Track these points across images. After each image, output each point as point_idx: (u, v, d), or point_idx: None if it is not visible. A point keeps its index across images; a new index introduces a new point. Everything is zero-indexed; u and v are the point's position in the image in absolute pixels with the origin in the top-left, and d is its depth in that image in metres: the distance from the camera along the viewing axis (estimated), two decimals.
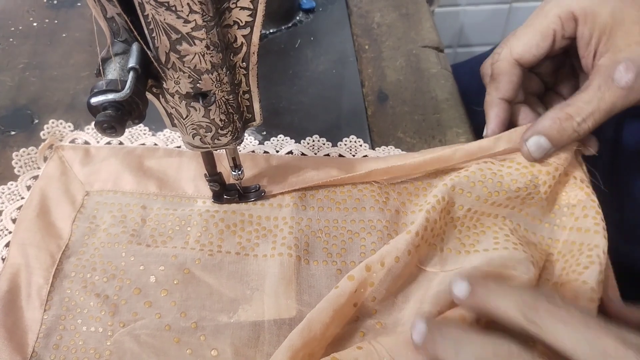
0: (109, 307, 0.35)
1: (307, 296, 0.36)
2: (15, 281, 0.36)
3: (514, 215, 0.39)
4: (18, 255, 0.37)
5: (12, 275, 0.36)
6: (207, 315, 0.35)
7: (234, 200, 0.41)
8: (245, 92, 0.33)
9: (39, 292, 0.36)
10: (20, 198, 0.42)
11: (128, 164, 0.43)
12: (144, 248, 0.38)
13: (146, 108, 0.30)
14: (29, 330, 0.34)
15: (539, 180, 0.38)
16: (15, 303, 0.35)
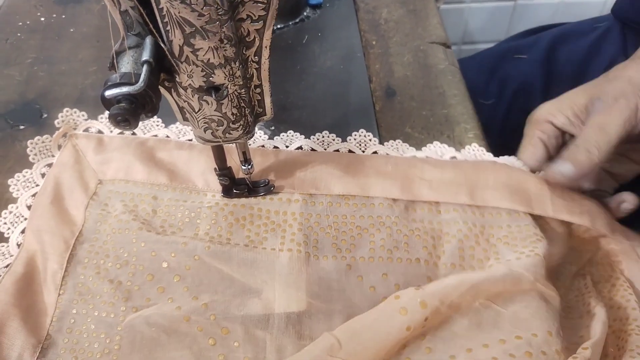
0: (122, 292, 0.36)
1: (317, 288, 0.36)
2: (31, 265, 0.37)
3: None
4: (33, 241, 0.38)
5: (28, 259, 0.37)
6: (218, 299, 0.35)
7: (243, 195, 0.41)
8: (257, 86, 0.33)
9: (54, 276, 0.36)
10: (35, 185, 0.42)
11: (140, 155, 0.43)
12: (154, 235, 0.38)
13: (159, 101, 0.30)
14: (43, 313, 0.35)
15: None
16: (31, 287, 0.36)
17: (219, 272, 0.36)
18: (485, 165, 0.43)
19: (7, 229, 0.39)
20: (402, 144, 0.46)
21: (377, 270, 0.37)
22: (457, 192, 0.41)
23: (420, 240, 0.39)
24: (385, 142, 0.46)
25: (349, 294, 0.36)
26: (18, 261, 0.37)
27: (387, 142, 0.46)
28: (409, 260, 0.38)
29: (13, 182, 0.42)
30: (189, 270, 0.36)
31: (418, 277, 0.37)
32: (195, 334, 0.33)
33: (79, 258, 0.37)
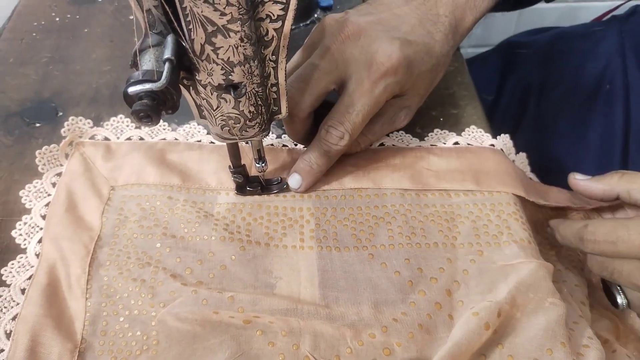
0: (147, 289, 0.36)
1: (344, 282, 0.37)
2: (53, 274, 0.37)
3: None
4: (52, 249, 0.38)
5: (50, 268, 0.37)
6: (244, 294, 0.36)
7: (257, 192, 0.42)
8: (274, 84, 0.34)
9: (79, 281, 0.37)
10: (47, 195, 0.42)
11: (150, 158, 0.43)
12: (179, 241, 0.39)
13: (179, 98, 0.31)
14: (75, 319, 0.35)
15: None
16: (58, 295, 0.36)
17: (242, 282, 0.37)
18: (486, 153, 0.45)
19: (24, 240, 0.39)
20: (406, 135, 0.47)
21: (399, 256, 0.38)
22: (464, 180, 0.43)
23: (435, 225, 0.40)
24: (390, 134, 0.47)
25: (376, 281, 0.37)
26: (40, 271, 0.37)
27: (391, 133, 0.47)
28: (428, 245, 0.39)
29: (24, 193, 0.42)
30: (213, 278, 0.37)
31: (438, 259, 0.38)
32: (228, 322, 0.34)
33: (100, 261, 0.38)
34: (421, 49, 0.39)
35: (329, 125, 0.40)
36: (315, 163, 0.41)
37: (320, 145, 0.41)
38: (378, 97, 0.39)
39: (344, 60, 0.39)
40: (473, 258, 0.38)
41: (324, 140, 0.40)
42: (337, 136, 0.40)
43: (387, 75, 0.38)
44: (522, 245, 0.38)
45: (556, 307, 0.35)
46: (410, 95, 0.42)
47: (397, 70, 0.38)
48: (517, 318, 0.35)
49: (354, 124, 0.39)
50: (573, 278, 0.42)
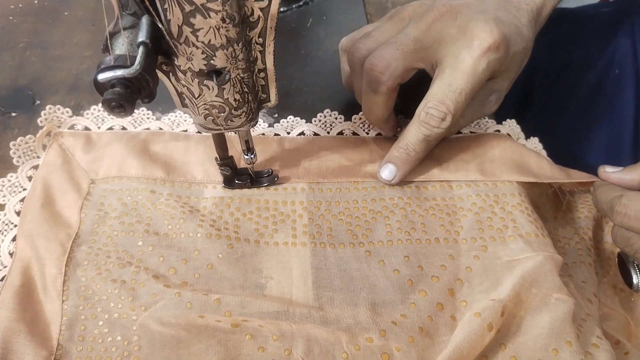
0: (127, 292, 0.34)
1: (339, 281, 0.34)
2: (28, 274, 0.34)
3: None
4: (27, 247, 0.36)
5: (24, 268, 0.35)
6: (231, 296, 0.33)
7: (246, 186, 0.39)
8: (261, 70, 0.31)
9: (54, 282, 0.34)
10: (22, 189, 0.40)
11: (132, 149, 0.41)
12: (162, 238, 0.36)
13: (156, 86, 0.29)
14: (50, 323, 0.33)
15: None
16: (32, 297, 0.34)
17: (230, 282, 0.35)
18: (490, 139, 0.42)
19: None
20: (405, 119, 0.44)
21: (397, 253, 0.36)
22: (468, 170, 0.40)
23: (436, 219, 0.38)
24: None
25: (373, 280, 0.34)
26: (13, 272, 0.34)
27: None
28: (428, 241, 0.36)
29: None
30: (199, 278, 0.35)
31: (440, 256, 0.36)
32: (215, 325, 0.32)
33: (77, 261, 0.35)
34: (513, 30, 0.37)
35: (429, 107, 0.37)
36: (414, 150, 0.38)
37: (419, 129, 0.38)
38: (481, 74, 0.36)
39: (440, 39, 0.37)
40: (477, 254, 0.36)
41: (423, 123, 0.37)
42: (439, 117, 0.37)
43: (490, 51, 0.36)
44: (529, 239, 0.36)
45: (562, 303, 0.33)
46: (502, 79, 0.40)
47: (499, 46, 0.36)
48: (521, 316, 0.33)
49: (457, 104, 0.36)
50: (580, 274, 0.39)
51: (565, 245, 0.42)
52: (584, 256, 0.41)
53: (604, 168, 0.38)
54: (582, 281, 0.39)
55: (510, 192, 0.39)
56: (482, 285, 0.34)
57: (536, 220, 0.38)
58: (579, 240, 0.42)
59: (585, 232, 0.42)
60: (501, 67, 0.38)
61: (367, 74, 0.38)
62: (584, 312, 0.35)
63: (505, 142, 0.42)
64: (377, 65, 0.37)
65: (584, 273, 0.40)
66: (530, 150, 0.41)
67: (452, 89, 0.36)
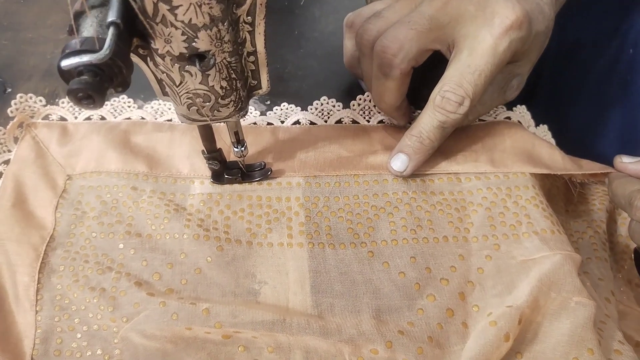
0: (107, 301, 0.31)
1: (340, 286, 0.31)
2: None
3: None
4: None
5: None
6: (221, 305, 0.30)
7: (236, 180, 0.36)
8: (250, 53, 0.28)
9: (27, 291, 0.31)
10: None
11: (112, 141, 0.37)
12: (146, 240, 0.33)
13: (131, 73, 0.25)
14: (23, 336, 0.30)
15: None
16: (3, 307, 0.31)
17: (220, 288, 0.32)
18: (500, 128, 0.40)
19: None
20: (416, 110, 0.41)
21: (403, 254, 0.33)
22: (477, 161, 0.37)
23: (444, 215, 0.35)
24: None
25: (377, 284, 0.32)
26: None
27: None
28: (436, 240, 0.34)
29: None
30: (186, 284, 0.32)
31: (449, 256, 0.33)
32: (204, 337, 0.29)
33: (52, 267, 0.32)
34: (535, 7, 0.34)
35: (445, 90, 0.34)
36: (428, 137, 0.35)
37: (434, 115, 0.35)
38: (502, 55, 0.33)
39: (457, 17, 0.34)
40: (489, 253, 0.33)
41: (438, 109, 0.34)
42: (456, 102, 0.34)
43: (512, 30, 0.33)
44: (544, 236, 0.33)
45: (583, 307, 0.30)
46: (523, 62, 0.37)
47: (522, 23, 0.33)
48: (538, 322, 0.30)
49: (476, 87, 0.33)
50: (596, 270, 0.37)
51: (578, 239, 0.39)
52: (599, 251, 0.38)
53: (620, 158, 0.35)
54: (599, 278, 0.36)
55: (523, 184, 0.36)
56: (496, 288, 0.31)
57: (551, 215, 0.35)
58: (593, 234, 0.39)
59: (598, 226, 0.40)
60: (523, 48, 0.35)
61: (378, 57, 0.34)
62: (602, 314, 0.33)
63: (517, 131, 0.39)
64: (390, 47, 0.34)
65: (599, 269, 0.37)
66: (542, 140, 0.39)
67: (471, 70, 0.33)
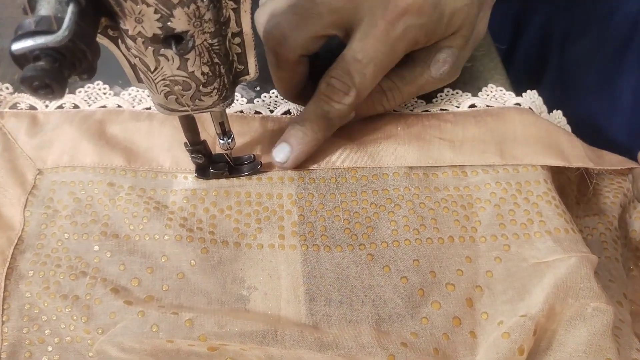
0: (80, 310, 0.28)
1: (337, 293, 0.29)
2: None
3: None
4: None
5: None
6: (205, 315, 0.28)
7: (223, 175, 0.33)
8: (236, 34, 0.25)
9: None
10: None
11: (86, 132, 0.34)
12: (123, 242, 0.30)
13: (97, 57, 0.22)
14: None
15: None
16: None
17: (206, 295, 0.29)
18: (511, 115, 0.36)
19: None
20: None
21: (405, 256, 0.30)
22: (485, 152, 0.34)
23: (449, 213, 0.32)
24: None
25: (377, 291, 0.29)
26: None
27: None
28: (441, 240, 0.31)
29: None
30: (167, 291, 0.29)
31: (455, 258, 0.30)
32: (188, 350, 0.27)
33: (20, 272, 0.29)
34: None
35: (331, 77, 0.31)
36: (310, 129, 0.32)
37: (319, 104, 0.32)
38: (395, 42, 0.30)
39: (352, 1, 0.30)
40: (498, 255, 0.30)
41: (323, 97, 0.32)
42: (342, 90, 0.31)
43: (407, 14, 0.29)
44: (558, 236, 0.31)
45: (601, 313, 0.28)
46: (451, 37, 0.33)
47: (420, 8, 0.29)
48: (553, 330, 0.28)
49: (363, 76, 0.31)
50: (606, 270, 0.34)
51: (588, 236, 0.36)
52: (609, 249, 0.36)
53: None
54: (609, 279, 0.34)
55: (534, 178, 0.33)
56: (506, 293, 0.29)
57: (565, 212, 0.32)
58: (604, 230, 0.36)
59: (610, 222, 0.37)
60: (431, 34, 0.31)
61: (265, 44, 0.32)
62: (617, 319, 0.31)
63: (528, 118, 0.36)
64: (272, 35, 0.31)
65: (610, 270, 0.35)
66: (558, 127, 0.36)
67: (359, 57, 0.30)
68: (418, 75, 0.34)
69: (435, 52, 0.33)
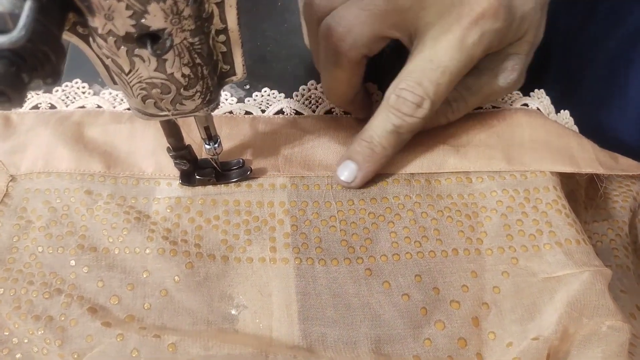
0: (54, 333, 0.26)
1: (332, 311, 0.27)
2: None
3: None
4: None
5: None
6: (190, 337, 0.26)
7: (210, 182, 0.31)
8: (220, 31, 0.22)
9: None
10: None
11: (63, 135, 0.32)
12: (102, 256, 0.28)
13: (63, 59, 0.19)
14: None
15: None
16: None
17: (191, 315, 0.27)
18: (518, 117, 0.34)
19: None
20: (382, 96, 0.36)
21: (406, 271, 0.28)
22: (491, 157, 0.32)
23: (453, 224, 0.30)
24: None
25: (376, 309, 0.27)
26: None
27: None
28: (445, 253, 0.29)
29: None
30: (149, 310, 0.27)
31: (460, 273, 0.28)
32: None
33: None
34: None
35: (402, 88, 0.29)
36: (380, 144, 0.30)
37: (388, 118, 0.30)
38: (471, 49, 0.28)
39: (421, 1, 0.28)
40: (505, 269, 0.28)
41: (393, 110, 0.29)
42: (414, 103, 0.29)
43: (484, 19, 0.27)
44: (569, 248, 0.29)
45: (617, 332, 0.26)
46: (518, 43, 0.31)
47: (496, 12, 0.27)
48: (565, 350, 0.26)
49: (438, 86, 0.28)
50: (617, 280, 0.32)
51: (597, 243, 0.34)
52: (620, 257, 0.34)
53: None
54: (621, 290, 0.32)
55: (543, 185, 0.31)
56: (515, 312, 0.27)
57: (575, 221, 0.30)
58: (614, 237, 0.34)
59: (620, 227, 0.35)
60: (505, 39, 0.29)
61: (323, 40, 0.29)
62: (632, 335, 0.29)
63: (537, 120, 0.34)
64: (336, 30, 0.28)
65: (621, 279, 0.33)
66: (568, 130, 0.34)
67: (433, 66, 0.28)
68: (484, 84, 0.32)
69: (503, 60, 0.31)
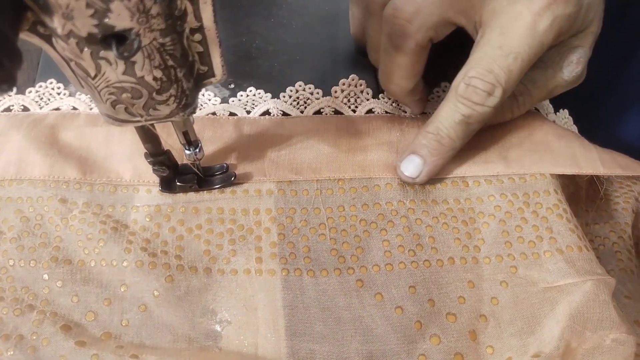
0: (24, 354, 0.24)
1: (322, 326, 0.25)
2: None
3: None
4: None
5: None
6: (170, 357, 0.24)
7: (192, 188, 0.29)
8: (195, 30, 0.21)
9: None
10: None
11: (36, 139, 0.30)
12: (77, 269, 0.27)
13: (18, 64, 0.18)
14: None
15: None
16: None
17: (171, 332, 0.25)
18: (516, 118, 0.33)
19: None
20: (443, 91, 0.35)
21: (400, 282, 0.27)
22: (488, 161, 0.31)
23: (449, 230, 0.29)
24: (382, 95, 0.35)
25: (368, 323, 0.26)
26: None
27: (383, 95, 0.35)
28: (440, 262, 0.27)
29: None
30: (126, 327, 0.25)
31: (456, 284, 0.27)
32: None
33: None
34: None
35: (472, 76, 0.28)
36: (448, 135, 0.29)
37: (457, 107, 0.28)
38: (543, 35, 0.27)
39: None
40: (504, 278, 0.27)
41: (462, 99, 0.28)
42: (485, 91, 0.27)
43: (555, 4, 0.27)
44: (570, 256, 0.27)
45: (621, 345, 0.24)
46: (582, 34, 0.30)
47: None
48: None
49: (510, 73, 0.27)
50: (621, 285, 0.31)
51: (599, 246, 0.33)
52: (624, 260, 0.33)
53: None
54: (625, 295, 0.31)
55: (543, 188, 0.30)
56: (514, 324, 0.25)
57: (577, 227, 0.29)
58: (617, 239, 0.33)
59: (623, 230, 0.34)
60: (574, 25, 0.28)
61: (388, 22, 0.28)
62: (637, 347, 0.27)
63: (535, 120, 0.32)
64: (403, 11, 0.27)
65: (625, 284, 0.31)
66: (568, 130, 0.32)
67: (504, 52, 0.27)
68: (550, 78, 0.31)
69: (568, 53, 0.30)
